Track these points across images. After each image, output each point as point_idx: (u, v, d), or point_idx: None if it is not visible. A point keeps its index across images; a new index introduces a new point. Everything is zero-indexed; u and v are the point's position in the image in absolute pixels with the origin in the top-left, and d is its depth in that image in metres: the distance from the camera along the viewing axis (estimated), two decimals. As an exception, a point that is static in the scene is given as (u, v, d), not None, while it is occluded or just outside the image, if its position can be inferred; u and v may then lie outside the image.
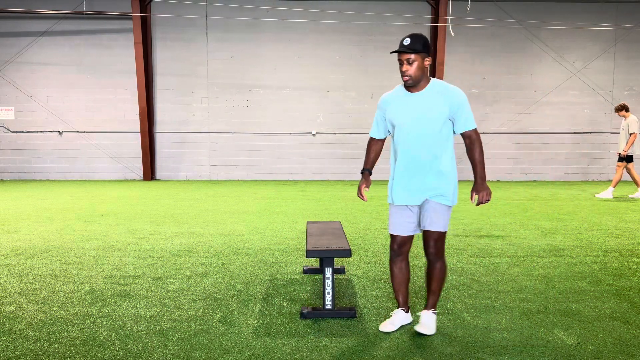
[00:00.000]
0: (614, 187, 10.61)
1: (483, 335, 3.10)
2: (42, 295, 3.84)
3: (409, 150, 3.06)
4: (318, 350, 2.88)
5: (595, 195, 10.89)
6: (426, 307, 3.20)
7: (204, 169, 15.77)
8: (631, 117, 10.33)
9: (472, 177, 15.81)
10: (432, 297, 3.17)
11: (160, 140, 15.69)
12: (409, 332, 3.15)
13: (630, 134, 10.25)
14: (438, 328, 3.20)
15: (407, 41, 2.93)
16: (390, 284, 4.17)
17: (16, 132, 15.66)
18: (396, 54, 3.11)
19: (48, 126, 15.64)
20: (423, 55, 2.95)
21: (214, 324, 3.27)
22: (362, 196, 3.28)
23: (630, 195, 10.81)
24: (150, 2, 15.10)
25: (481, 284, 4.18)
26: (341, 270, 4.51)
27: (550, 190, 12.57)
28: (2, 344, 2.94)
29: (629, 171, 10.65)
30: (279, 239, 6.08)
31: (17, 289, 4.00)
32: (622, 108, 10.39)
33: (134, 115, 15.44)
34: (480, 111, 15.71)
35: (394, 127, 3.13)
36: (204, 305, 3.63)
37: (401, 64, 2.96)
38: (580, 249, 5.53)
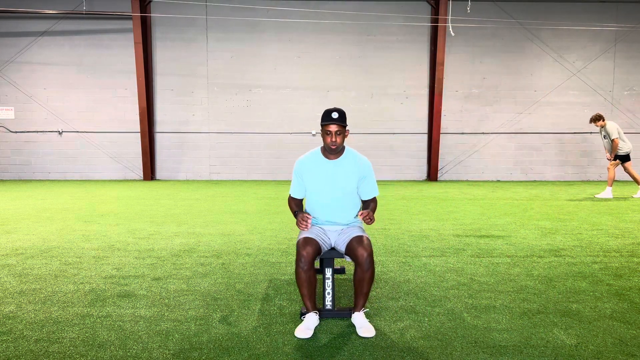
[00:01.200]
0: (610, 186, 10.63)
1: (483, 335, 3.10)
2: (42, 295, 3.84)
3: (324, 208, 3.44)
4: (318, 350, 2.88)
5: (595, 195, 10.89)
6: (356, 310, 3.28)
7: (204, 169, 15.77)
8: (608, 124, 10.47)
9: (472, 178, 15.83)
10: (362, 298, 3.27)
11: (160, 140, 15.69)
12: (409, 332, 3.15)
13: (612, 140, 10.38)
14: (438, 328, 3.20)
15: (335, 115, 3.28)
16: (391, 283, 4.16)
17: (16, 132, 15.66)
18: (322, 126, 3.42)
19: (48, 126, 15.65)
20: (345, 128, 3.34)
21: (214, 324, 3.27)
22: (308, 223, 3.28)
23: (634, 195, 10.81)
24: (150, 2, 15.10)
25: (481, 284, 4.18)
26: (341, 270, 4.51)
27: (550, 190, 12.57)
28: (2, 344, 2.94)
29: (627, 170, 10.66)
30: (279, 239, 6.08)
31: (17, 289, 4.00)
32: (599, 118, 10.50)
33: (134, 115, 15.44)
34: (480, 111, 15.71)
35: (311, 189, 3.46)
36: (204, 305, 3.63)
37: (330, 134, 3.29)
38: (580, 249, 5.53)
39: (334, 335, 3.09)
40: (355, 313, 3.27)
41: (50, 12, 14.96)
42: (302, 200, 3.59)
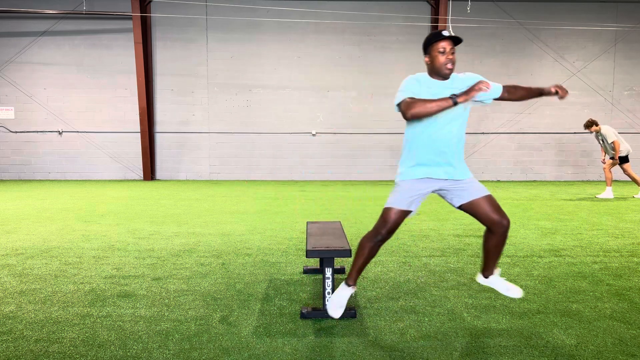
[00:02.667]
0: (610, 186, 10.63)
1: (483, 335, 3.10)
2: (42, 295, 3.84)
3: (437, 140, 3.05)
4: (318, 350, 2.88)
5: (596, 196, 10.90)
6: (492, 272, 3.33)
7: (204, 169, 15.77)
8: (603, 127, 10.49)
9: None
10: (497, 262, 3.30)
11: (160, 140, 15.69)
12: (409, 332, 3.15)
13: (612, 142, 10.39)
14: (438, 328, 3.21)
15: (446, 32, 3.01)
16: (392, 283, 4.16)
17: (16, 132, 15.66)
18: (432, 46, 3.09)
19: (48, 126, 15.65)
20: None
21: (214, 324, 3.27)
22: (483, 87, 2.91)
23: (635, 196, 10.81)
24: (150, 2, 15.10)
25: (481, 284, 4.18)
26: (341, 270, 4.51)
27: (550, 190, 12.57)
28: (2, 344, 2.94)
29: (626, 172, 10.66)
30: (279, 239, 6.08)
31: (17, 289, 4.00)
32: (592, 124, 10.51)
33: (134, 115, 15.44)
34: (480, 111, 15.71)
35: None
36: (204, 305, 3.63)
37: (443, 53, 2.97)
38: (580, 249, 5.53)
39: (334, 335, 3.09)
40: (496, 277, 3.34)
41: (50, 12, 14.96)
42: None
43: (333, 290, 3.43)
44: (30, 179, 15.64)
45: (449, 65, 2.99)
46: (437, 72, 3.04)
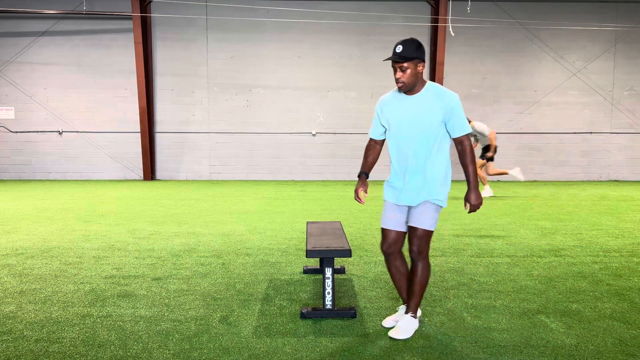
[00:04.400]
0: (486, 184, 10.83)
1: (483, 335, 3.10)
2: (42, 295, 3.84)
3: (403, 152, 3.09)
4: (318, 350, 2.88)
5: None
6: (405, 311, 3.17)
7: (204, 169, 15.77)
8: (476, 123, 10.67)
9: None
10: (412, 299, 3.13)
11: (160, 140, 15.69)
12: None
13: (489, 135, 10.60)
14: (438, 328, 3.20)
15: (399, 48, 2.93)
16: (391, 283, 4.16)
17: (16, 132, 15.66)
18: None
19: (48, 126, 15.65)
20: (416, 61, 2.95)
21: (214, 324, 3.27)
22: (360, 199, 3.19)
23: (483, 194, 10.92)
24: (150, 2, 15.10)
25: (481, 284, 4.18)
26: (341, 270, 4.51)
27: (550, 190, 12.57)
28: (2, 344, 2.94)
29: (486, 169, 10.84)
30: (279, 239, 6.08)
31: (17, 289, 4.00)
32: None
33: (134, 115, 15.44)
34: (480, 111, 15.70)
35: (389, 128, 3.15)
36: (204, 305, 3.63)
37: (395, 70, 2.99)
38: (580, 249, 5.53)
39: (335, 335, 3.09)
40: (403, 314, 3.23)
41: (50, 12, 14.96)
42: (379, 148, 3.30)
43: (333, 290, 3.43)
44: (30, 179, 15.65)
45: (399, 84, 2.99)
46: None
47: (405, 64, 2.93)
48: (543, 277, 4.39)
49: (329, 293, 3.42)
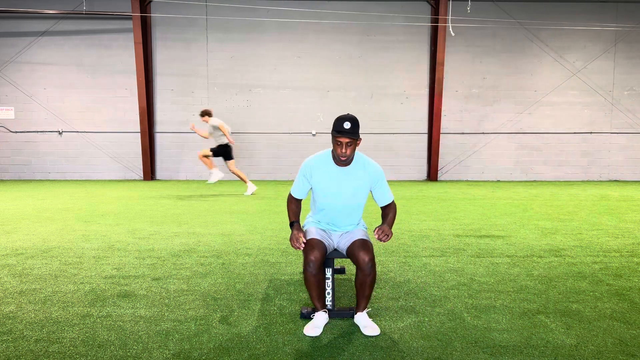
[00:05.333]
0: (247, 182, 11.01)
1: (483, 335, 3.10)
2: (42, 295, 3.84)
3: (330, 214, 3.41)
4: (318, 350, 2.88)
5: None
6: (359, 310, 3.29)
7: (204, 169, 15.76)
8: (213, 119, 10.83)
9: (472, 178, 15.81)
10: (364, 301, 3.27)
11: (160, 140, 15.69)
12: (409, 332, 3.15)
13: (219, 126, 10.67)
14: (438, 328, 3.21)
15: (347, 125, 3.10)
16: (391, 283, 4.16)
17: (16, 132, 15.66)
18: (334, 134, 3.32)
19: (48, 126, 15.65)
20: (358, 138, 3.20)
21: (214, 324, 3.27)
22: (301, 244, 3.22)
23: (245, 193, 11.00)
24: (150, 2, 15.10)
25: (481, 284, 4.18)
26: (341, 270, 4.51)
27: (550, 190, 12.57)
28: (2, 344, 2.94)
29: (230, 169, 10.94)
30: (279, 239, 6.08)
31: (17, 289, 4.00)
32: (205, 114, 10.87)
33: (134, 115, 15.44)
34: (480, 111, 15.71)
35: (318, 193, 3.39)
36: (204, 305, 3.63)
37: (340, 145, 3.14)
38: (580, 249, 5.53)
39: (334, 335, 3.09)
40: (358, 314, 3.28)
41: (50, 12, 14.96)
42: (300, 202, 3.52)
43: (333, 290, 3.43)
44: (30, 179, 15.64)
45: (342, 158, 3.19)
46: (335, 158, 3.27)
47: (351, 141, 3.15)
48: (543, 277, 4.39)
49: (328, 293, 3.42)
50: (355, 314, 3.30)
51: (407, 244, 5.74)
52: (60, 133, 15.65)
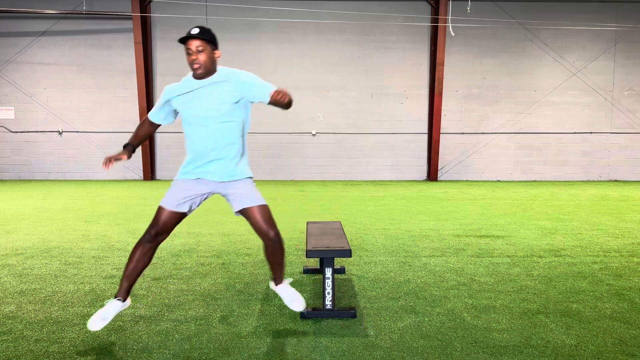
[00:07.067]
0: None
1: (483, 335, 3.09)
2: (42, 295, 3.84)
3: (199, 139, 2.99)
4: (318, 350, 2.88)
5: None
6: (277, 282, 3.24)
7: (204, 169, 15.78)
8: None
9: (472, 178, 15.80)
10: (279, 270, 3.19)
11: (160, 140, 15.69)
12: (409, 332, 3.15)
13: None
14: (438, 328, 3.20)
15: (195, 30, 2.89)
16: (392, 283, 4.16)
17: (16, 132, 15.66)
18: (184, 47, 2.96)
19: (48, 126, 15.64)
20: (212, 46, 2.93)
21: (214, 324, 3.27)
22: (108, 164, 2.99)
23: None
24: (150, 2, 15.10)
25: (481, 284, 4.18)
26: (341, 270, 4.51)
27: (550, 190, 12.57)
28: (2, 344, 2.94)
29: None
30: (279, 239, 6.08)
31: (17, 289, 4.00)
32: None
33: (134, 115, 15.44)
34: (480, 111, 15.71)
35: (183, 119, 3.06)
36: (204, 305, 3.63)
37: (190, 53, 2.89)
38: (580, 249, 5.53)
39: (334, 335, 3.09)
40: (280, 285, 3.23)
41: (50, 12, 14.96)
42: (154, 129, 3.27)
43: (333, 290, 3.43)
44: (30, 179, 15.64)
45: (194, 65, 2.90)
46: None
47: (202, 44, 2.88)
48: (543, 277, 4.39)
49: (329, 293, 3.42)
50: (276, 285, 3.23)
51: (407, 244, 5.74)
52: (60, 133, 15.65)
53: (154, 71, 15.44)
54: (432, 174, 15.44)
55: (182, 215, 3.04)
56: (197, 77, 2.97)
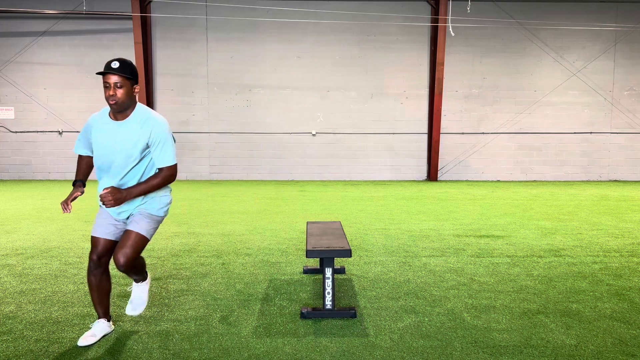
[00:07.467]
0: None
1: (483, 335, 3.10)
2: (42, 295, 3.84)
3: (108, 176, 2.94)
4: (318, 350, 2.88)
5: None
6: (137, 280, 3.16)
7: (204, 169, 15.77)
8: None
9: (472, 178, 15.81)
10: (133, 277, 3.10)
11: (160, 140, 15.68)
12: (409, 332, 3.15)
13: None
14: (438, 328, 3.20)
15: (115, 64, 2.77)
16: (392, 283, 4.16)
17: (16, 132, 15.66)
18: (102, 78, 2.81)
19: (48, 126, 15.65)
20: (132, 81, 2.83)
21: (214, 324, 3.27)
22: (66, 207, 2.90)
23: None
24: (150, 2, 15.10)
25: (481, 284, 4.18)
26: (341, 270, 4.51)
27: (550, 190, 12.57)
28: (2, 344, 2.94)
29: None
30: (279, 239, 6.08)
31: (17, 289, 4.00)
32: None
33: (134, 115, 15.44)
34: (480, 111, 15.71)
35: (94, 153, 2.97)
36: (204, 305, 3.63)
37: (108, 87, 2.77)
38: (580, 249, 5.53)
39: (334, 335, 3.09)
40: (135, 284, 3.20)
41: (50, 12, 14.96)
42: (88, 160, 3.12)
43: (333, 290, 3.43)
44: (30, 179, 15.64)
45: (110, 101, 2.78)
46: None
47: (121, 80, 2.77)
48: (543, 277, 4.39)
49: (329, 293, 3.42)
50: (136, 283, 3.19)
51: (407, 244, 5.74)
52: (60, 133, 15.65)
53: (154, 71, 15.43)
54: (432, 174, 15.44)
55: (115, 240, 3.00)
56: (114, 112, 2.87)
